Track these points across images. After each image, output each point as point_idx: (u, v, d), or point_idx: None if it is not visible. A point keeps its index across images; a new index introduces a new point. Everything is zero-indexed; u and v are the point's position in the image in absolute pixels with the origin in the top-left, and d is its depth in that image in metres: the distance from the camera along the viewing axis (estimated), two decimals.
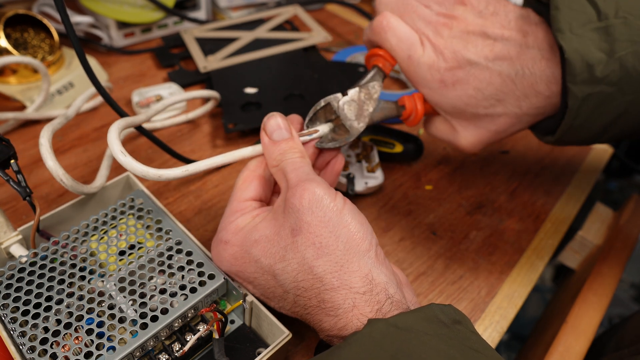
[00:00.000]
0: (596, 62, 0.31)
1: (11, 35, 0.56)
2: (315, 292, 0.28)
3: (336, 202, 0.30)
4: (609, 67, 0.31)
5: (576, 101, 0.32)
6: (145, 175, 0.32)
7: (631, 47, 0.31)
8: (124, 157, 0.32)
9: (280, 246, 0.30)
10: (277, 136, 0.33)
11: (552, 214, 0.50)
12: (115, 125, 0.33)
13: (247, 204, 0.34)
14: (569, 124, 0.34)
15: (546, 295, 1.11)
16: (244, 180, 0.34)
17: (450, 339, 0.25)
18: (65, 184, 0.36)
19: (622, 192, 1.23)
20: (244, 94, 0.57)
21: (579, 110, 0.33)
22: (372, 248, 0.29)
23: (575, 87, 0.32)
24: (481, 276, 0.44)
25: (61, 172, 0.35)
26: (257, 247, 0.31)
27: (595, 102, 0.32)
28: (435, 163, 0.54)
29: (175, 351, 0.32)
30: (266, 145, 0.34)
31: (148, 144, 0.52)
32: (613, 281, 0.47)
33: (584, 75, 0.31)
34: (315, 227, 0.29)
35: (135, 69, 0.63)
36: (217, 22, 0.69)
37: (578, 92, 0.32)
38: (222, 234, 0.33)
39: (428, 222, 0.48)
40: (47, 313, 0.31)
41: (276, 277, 0.30)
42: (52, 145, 0.36)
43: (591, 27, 0.32)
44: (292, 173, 0.31)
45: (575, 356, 0.41)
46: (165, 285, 0.32)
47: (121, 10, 0.62)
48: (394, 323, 0.26)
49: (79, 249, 0.34)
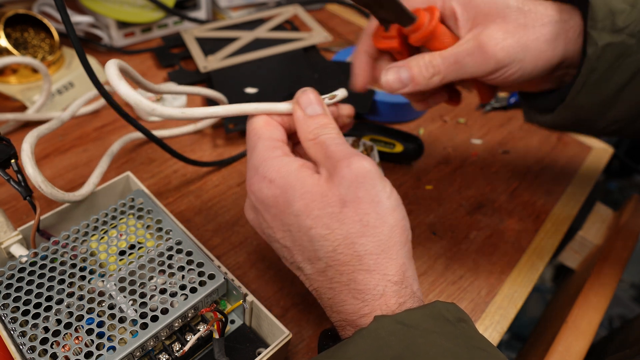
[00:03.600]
0: (619, 10, 0.31)
1: (11, 35, 0.56)
2: (350, 269, 0.28)
3: (386, 185, 0.29)
4: (632, 16, 0.31)
5: (596, 50, 0.31)
6: (138, 105, 0.29)
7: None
8: (119, 80, 0.29)
9: (326, 212, 0.28)
10: (310, 111, 0.32)
11: (552, 214, 0.50)
12: (112, 61, 0.31)
13: (282, 144, 0.31)
14: (583, 80, 0.33)
15: (546, 295, 1.11)
16: (267, 124, 0.32)
17: (456, 337, 0.25)
18: (44, 190, 0.34)
19: (622, 192, 1.23)
20: (244, 94, 0.57)
21: (598, 61, 0.32)
22: (409, 241, 0.29)
23: (596, 33, 0.31)
24: (481, 276, 0.44)
25: (40, 179, 0.34)
26: (301, 202, 0.28)
27: (614, 54, 0.31)
28: (435, 163, 0.54)
29: (176, 351, 0.32)
30: (300, 118, 0.32)
31: (148, 144, 0.52)
32: (613, 281, 0.47)
33: (605, 22, 0.31)
34: (365, 205, 0.28)
35: (136, 69, 0.62)
36: (217, 22, 0.69)
37: (598, 39, 0.31)
38: (264, 169, 0.30)
39: (428, 222, 0.48)
40: (48, 313, 0.31)
41: (312, 240, 0.29)
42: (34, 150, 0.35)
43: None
44: (335, 147, 0.30)
45: (575, 356, 0.41)
46: (166, 285, 0.32)
47: (121, 10, 0.62)
48: (401, 320, 0.26)
49: (79, 249, 0.34)
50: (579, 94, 0.33)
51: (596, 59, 0.32)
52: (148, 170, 0.50)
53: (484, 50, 0.33)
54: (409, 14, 0.34)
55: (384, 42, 0.37)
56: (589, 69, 0.32)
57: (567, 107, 0.34)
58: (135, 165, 0.50)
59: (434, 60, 0.34)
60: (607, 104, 0.34)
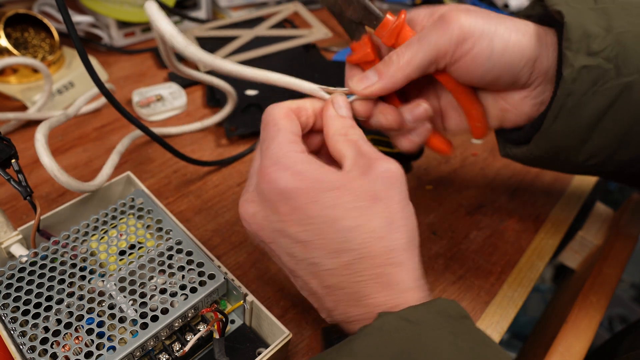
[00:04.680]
0: (594, 34, 0.31)
1: (11, 34, 0.56)
2: (381, 262, 0.28)
3: (407, 191, 0.30)
4: (607, 41, 0.31)
5: (572, 71, 0.31)
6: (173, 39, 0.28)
7: (629, 27, 0.31)
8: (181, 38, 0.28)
9: (357, 205, 0.28)
10: (342, 112, 0.33)
11: (552, 214, 0.50)
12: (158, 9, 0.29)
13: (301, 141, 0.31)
14: (560, 104, 0.32)
15: (546, 295, 1.11)
16: (287, 115, 0.32)
17: (461, 333, 0.26)
18: (60, 180, 0.35)
19: (622, 192, 1.23)
20: (245, 96, 0.57)
21: (574, 84, 0.31)
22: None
23: (571, 54, 0.31)
24: (481, 276, 0.44)
25: (56, 168, 0.35)
26: (331, 194, 0.28)
27: (591, 77, 0.31)
28: (435, 163, 0.54)
29: (176, 351, 0.32)
30: (333, 115, 0.33)
31: (149, 144, 0.52)
32: (613, 281, 0.47)
33: (581, 44, 0.31)
34: (394, 204, 0.29)
35: (136, 69, 0.63)
36: (218, 22, 0.69)
37: (574, 61, 0.31)
38: (288, 160, 0.29)
39: (428, 222, 0.48)
40: (48, 313, 0.31)
41: (341, 231, 0.28)
42: (48, 141, 0.36)
43: (589, 7, 0.32)
44: (368, 147, 0.31)
45: (575, 356, 0.41)
46: (166, 285, 0.33)
47: (121, 9, 0.62)
48: (405, 316, 0.26)
49: (79, 249, 0.34)
50: (556, 119, 0.32)
51: (572, 80, 0.31)
52: (148, 170, 0.50)
53: (447, 20, 0.32)
54: (376, 12, 0.35)
55: (357, 51, 0.37)
56: (565, 92, 0.31)
57: (544, 135, 0.33)
58: (135, 165, 0.50)
59: (397, 50, 0.34)
60: (586, 133, 0.32)
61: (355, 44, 0.37)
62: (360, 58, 0.37)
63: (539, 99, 0.35)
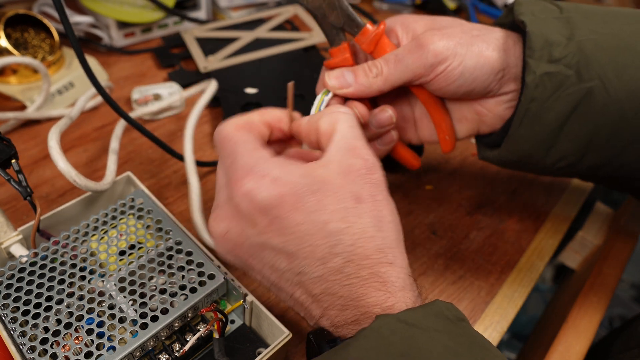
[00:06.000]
0: (555, 42, 0.32)
1: (11, 35, 0.56)
2: (372, 262, 0.27)
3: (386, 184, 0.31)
4: (568, 48, 0.32)
5: (534, 78, 0.32)
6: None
7: (591, 35, 0.32)
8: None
9: (341, 206, 0.27)
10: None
11: (552, 214, 0.50)
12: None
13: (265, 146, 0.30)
14: (524, 110, 0.33)
15: (546, 295, 1.11)
16: (239, 128, 0.31)
17: (458, 336, 0.26)
18: (79, 184, 0.36)
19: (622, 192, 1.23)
20: (244, 94, 0.57)
21: (536, 90, 0.33)
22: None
23: (533, 62, 0.32)
24: (481, 276, 0.44)
25: (74, 173, 0.36)
26: (315, 196, 0.27)
27: (553, 84, 0.32)
28: (435, 163, 0.54)
29: (176, 351, 0.32)
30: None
31: (148, 144, 0.52)
32: (613, 281, 0.47)
33: (543, 52, 0.32)
34: (379, 202, 0.29)
35: (136, 69, 0.63)
36: (218, 22, 0.69)
37: (536, 68, 0.32)
38: (262, 168, 0.28)
39: (428, 222, 0.48)
40: (48, 313, 0.31)
41: (329, 236, 0.27)
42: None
43: (553, 16, 0.34)
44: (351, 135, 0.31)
45: (575, 356, 0.41)
46: (165, 285, 0.33)
47: (121, 10, 0.63)
48: (403, 319, 0.26)
49: (79, 249, 0.34)
50: (521, 124, 0.34)
51: (534, 87, 0.33)
52: (148, 170, 0.50)
53: (422, 44, 0.35)
54: (357, 20, 0.37)
55: (336, 56, 0.38)
56: (528, 98, 0.33)
57: (511, 139, 0.35)
58: (135, 165, 0.50)
59: (376, 62, 0.36)
60: (551, 137, 0.34)
61: (334, 50, 0.39)
62: (338, 63, 0.38)
63: (513, 103, 0.36)
